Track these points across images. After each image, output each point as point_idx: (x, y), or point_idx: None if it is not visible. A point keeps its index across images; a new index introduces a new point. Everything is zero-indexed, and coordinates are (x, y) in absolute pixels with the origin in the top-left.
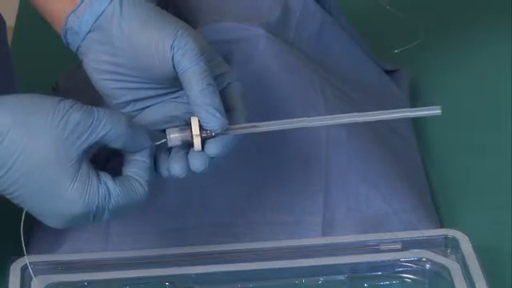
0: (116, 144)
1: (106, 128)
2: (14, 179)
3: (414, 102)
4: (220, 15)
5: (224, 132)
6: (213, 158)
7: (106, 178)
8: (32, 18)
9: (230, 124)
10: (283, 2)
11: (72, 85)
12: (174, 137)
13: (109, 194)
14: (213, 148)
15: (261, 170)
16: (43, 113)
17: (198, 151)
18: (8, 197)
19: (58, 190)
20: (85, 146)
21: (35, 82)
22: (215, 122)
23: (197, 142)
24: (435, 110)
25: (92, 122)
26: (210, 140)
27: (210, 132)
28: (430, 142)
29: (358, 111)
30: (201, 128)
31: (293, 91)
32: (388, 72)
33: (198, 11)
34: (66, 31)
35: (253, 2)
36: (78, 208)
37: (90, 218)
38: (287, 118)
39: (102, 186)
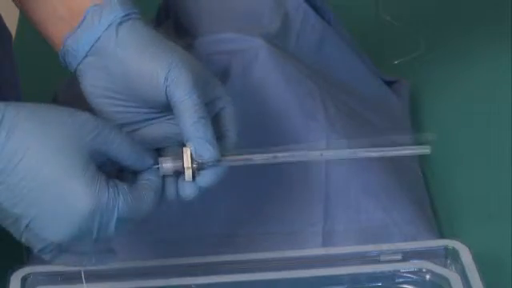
0: (123, 155)
1: (116, 139)
2: (21, 175)
3: (414, 113)
4: (220, 26)
5: (216, 163)
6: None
7: (115, 181)
8: (32, 30)
9: (221, 153)
10: (283, 12)
11: (72, 95)
12: (167, 166)
13: (118, 192)
14: (204, 180)
15: (261, 181)
16: (60, 121)
17: (189, 181)
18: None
19: (67, 184)
20: (96, 146)
21: (35, 93)
22: (207, 154)
23: (188, 173)
24: (424, 150)
25: (107, 132)
26: (202, 171)
27: (202, 163)
28: (430, 153)
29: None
30: (192, 159)
31: (293, 102)
32: (388, 83)
33: (197, 21)
34: (63, 53)
35: (253, 13)
36: (86, 203)
37: (95, 227)
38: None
39: (111, 183)
